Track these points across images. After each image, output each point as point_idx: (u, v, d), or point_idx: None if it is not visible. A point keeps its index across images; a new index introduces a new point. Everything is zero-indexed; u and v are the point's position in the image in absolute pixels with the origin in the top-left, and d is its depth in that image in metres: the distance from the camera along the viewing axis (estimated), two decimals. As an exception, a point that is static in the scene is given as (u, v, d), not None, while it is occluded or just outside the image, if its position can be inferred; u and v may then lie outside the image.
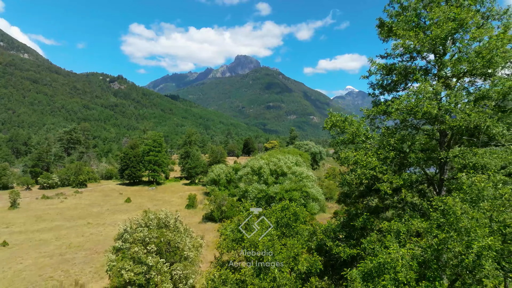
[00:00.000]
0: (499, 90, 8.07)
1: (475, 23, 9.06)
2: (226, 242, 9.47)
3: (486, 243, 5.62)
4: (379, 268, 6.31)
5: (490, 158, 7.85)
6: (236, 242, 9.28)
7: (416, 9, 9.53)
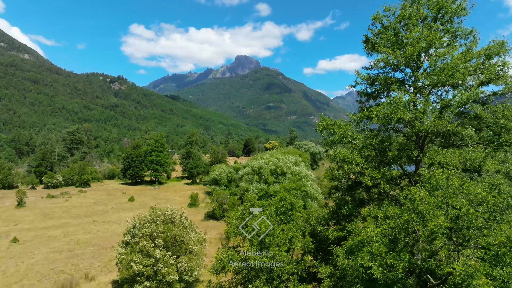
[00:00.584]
0: (459, 100, 9.59)
1: (441, 44, 10.58)
2: (232, 228, 10.94)
3: (438, 222, 7.06)
4: (358, 244, 7.79)
5: (451, 156, 9.35)
6: (242, 228, 10.78)
7: (395, 29, 11.05)
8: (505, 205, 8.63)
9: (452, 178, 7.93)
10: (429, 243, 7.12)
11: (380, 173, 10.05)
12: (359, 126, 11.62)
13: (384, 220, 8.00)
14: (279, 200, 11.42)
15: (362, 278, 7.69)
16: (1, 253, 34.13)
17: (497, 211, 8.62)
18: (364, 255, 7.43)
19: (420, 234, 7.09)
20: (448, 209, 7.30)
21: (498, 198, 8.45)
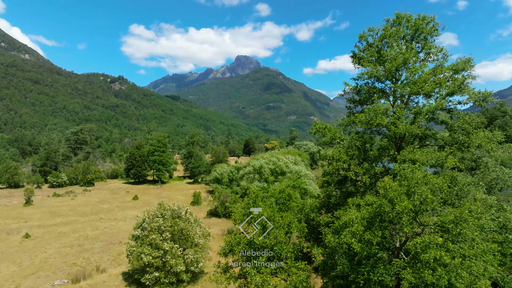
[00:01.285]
0: (427, 108, 11.43)
1: (416, 59, 12.43)
2: (238, 215, 12.71)
3: (403, 205, 8.84)
4: (342, 225, 9.60)
5: (420, 155, 11.15)
6: (246, 215, 12.53)
7: (378, 46, 12.86)
8: (461, 192, 10.54)
9: (416, 171, 9.70)
10: (397, 222, 8.91)
11: (362, 169, 11.89)
12: (347, 129, 13.43)
13: (364, 207, 9.76)
14: (278, 192, 13.28)
15: (345, 253, 9.49)
16: (15, 248, 35.95)
17: (453, 197, 10.54)
18: (347, 233, 9.21)
19: (389, 215, 8.86)
20: (413, 196, 9.08)
21: (453, 188, 10.33)
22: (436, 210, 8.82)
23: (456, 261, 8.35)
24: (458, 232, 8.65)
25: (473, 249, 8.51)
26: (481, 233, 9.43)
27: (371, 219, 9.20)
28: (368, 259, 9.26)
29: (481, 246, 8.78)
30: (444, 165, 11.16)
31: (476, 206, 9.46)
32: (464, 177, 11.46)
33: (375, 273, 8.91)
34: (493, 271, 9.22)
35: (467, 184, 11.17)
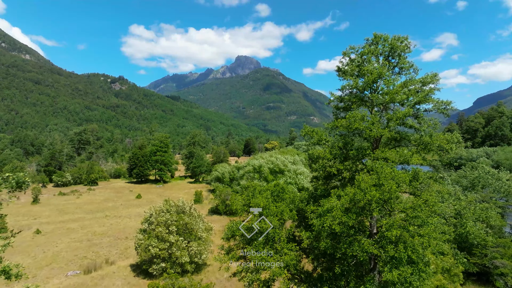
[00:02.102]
0: (397, 115, 13.55)
1: (391, 73, 14.54)
2: (239, 206, 14.74)
3: (372, 194, 10.91)
4: (325, 211, 11.68)
5: (390, 154, 13.22)
6: (246, 206, 14.57)
7: (358, 61, 14.98)
8: (421, 185, 12.70)
9: (385, 167, 11.74)
10: (368, 208, 10.95)
11: (343, 166, 14.03)
12: (332, 132, 15.53)
13: (343, 197, 11.83)
14: (273, 186, 15.37)
15: (327, 234, 11.58)
16: (28, 242, 38.05)
17: (417, 188, 12.74)
18: (328, 217, 11.26)
19: (362, 202, 10.91)
20: (381, 187, 11.12)
21: (414, 182, 12.49)
22: (400, 198, 10.88)
23: (414, 239, 10.40)
24: (415, 216, 10.71)
25: (427, 229, 10.57)
26: (437, 217, 11.54)
27: (348, 206, 11.26)
28: (346, 238, 11.35)
29: (432, 227, 10.87)
30: (410, 162, 13.26)
31: (431, 196, 11.58)
32: (425, 173, 13.57)
33: (350, 249, 10.99)
34: (443, 246, 11.38)
35: (427, 178, 13.33)
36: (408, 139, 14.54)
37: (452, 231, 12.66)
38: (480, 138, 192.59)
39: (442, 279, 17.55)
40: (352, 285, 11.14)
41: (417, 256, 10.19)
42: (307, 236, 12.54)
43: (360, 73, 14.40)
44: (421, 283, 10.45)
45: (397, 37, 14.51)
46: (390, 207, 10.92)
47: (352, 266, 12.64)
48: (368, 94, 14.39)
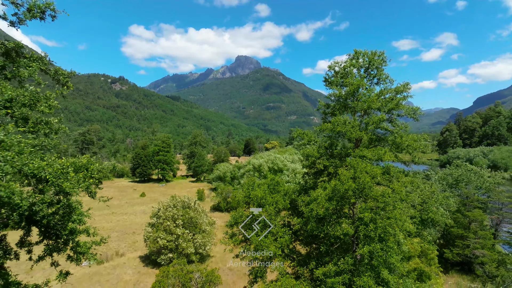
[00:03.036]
0: (374, 120, 15.98)
1: (368, 85, 16.98)
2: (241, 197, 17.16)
3: (349, 184, 13.30)
4: (311, 199, 14.07)
5: (367, 152, 15.58)
6: (247, 197, 16.94)
7: (341, 74, 17.38)
8: (391, 177, 15.13)
9: (360, 163, 14.16)
10: (346, 196, 13.34)
11: (329, 162, 16.45)
12: (320, 134, 17.96)
13: (327, 188, 14.25)
14: (270, 180, 17.78)
15: (314, 218, 13.99)
16: (42, 237, 40.49)
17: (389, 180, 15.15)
18: (314, 204, 13.68)
19: (341, 191, 13.32)
20: (358, 179, 13.51)
21: (386, 175, 14.88)
22: (373, 188, 13.23)
23: (383, 221, 12.76)
24: (384, 201, 13.07)
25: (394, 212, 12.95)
26: (403, 203, 13.99)
27: (331, 195, 13.63)
28: (329, 221, 13.73)
29: (399, 211, 13.22)
30: (383, 159, 15.62)
31: (398, 186, 13.99)
32: (396, 168, 15.97)
33: (332, 230, 13.39)
34: (409, 226, 13.82)
35: (397, 172, 15.73)
36: (386, 139, 16.97)
37: (419, 215, 15.09)
38: (477, 137, 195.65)
39: (419, 262, 19.92)
40: (335, 260, 13.53)
41: (385, 235, 12.55)
42: (298, 222, 14.92)
43: (343, 84, 16.83)
44: (389, 257, 12.85)
45: (374, 52, 16.88)
46: (365, 195, 13.30)
47: (337, 246, 15.06)
48: (350, 102, 16.80)
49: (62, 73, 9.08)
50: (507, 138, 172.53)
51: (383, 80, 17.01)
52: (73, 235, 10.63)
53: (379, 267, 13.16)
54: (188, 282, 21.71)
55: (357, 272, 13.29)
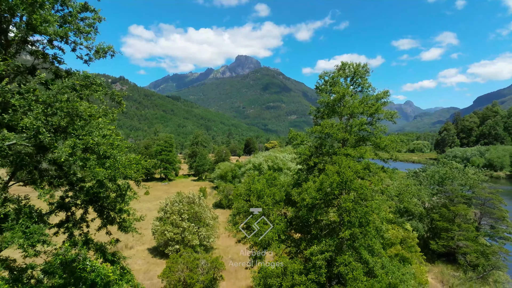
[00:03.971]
0: (356, 123, 18.44)
1: (352, 92, 19.47)
2: (243, 190, 19.58)
3: (334, 178, 15.72)
4: (303, 190, 16.52)
5: (351, 151, 17.99)
6: (248, 190, 19.40)
7: (330, 82, 19.81)
8: (371, 172, 17.66)
9: (344, 160, 16.54)
10: (331, 188, 15.78)
11: (318, 159, 18.92)
12: (311, 135, 20.41)
13: (316, 181, 16.70)
14: (268, 175, 20.25)
15: (305, 207, 16.44)
16: (54, 231, 43.03)
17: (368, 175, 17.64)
18: (305, 194, 16.13)
19: (327, 184, 15.74)
20: (342, 174, 15.94)
21: (366, 171, 17.38)
22: (354, 181, 15.66)
23: (363, 209, 15.19)
24: (362, 192, 15.51)
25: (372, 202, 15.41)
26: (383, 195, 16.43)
27: (319, 187, 16.08)
28: (317, 209, 16.18)
29: (376, 201, 15.65)
30: (364, 156, 18.03)
31: (375, 180, 16.42)
32: (374, 165, 18.42)
33: (320, 216, 15.84)
34: (385, 215, 16.21)
35: (376, 168, 18.17)
36: (369, 140, 19.44)
37: (395, 205, 17.61)
38: (474, 137, 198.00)
39: (400, 248, 22.36)
40: (323, 243, 15.96)
41: (364, 221, 14.97)
42: (292, 210, 17.35)
43: (332, 91, 19.29)
44: (368, 240, 15.29)
45: (358, 64, 19.33)
46: (348, 187, 15.73)
47: (326, 233, 17.53)
48: (337, 107, 19.26)
49: (117, 94, 11.48)
50: (503, 137, 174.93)
51: (366, 88, 19.46)
52: (121, 213, 13.08)
53: (359, 248, 15.64)
54: (195, 268, 24.23)
55: (341, 252, 15.77)
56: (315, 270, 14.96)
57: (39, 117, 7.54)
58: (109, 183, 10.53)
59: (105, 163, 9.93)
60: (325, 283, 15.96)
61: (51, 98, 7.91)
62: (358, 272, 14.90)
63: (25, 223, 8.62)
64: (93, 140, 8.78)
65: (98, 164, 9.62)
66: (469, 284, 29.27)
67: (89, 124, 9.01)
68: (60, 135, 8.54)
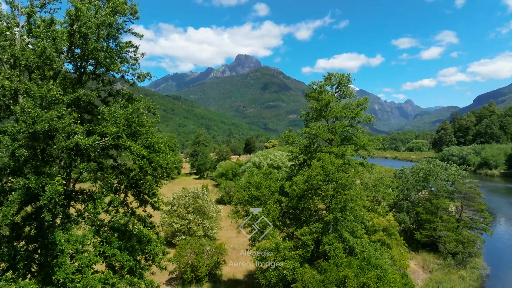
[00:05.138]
0: (339, 125, 21.64)
1: (337, 99, 22.67)
2: (244, 183, 22.74)
3: (318, 171, 18.75)
4: (293, 182, 19.62)
5: (335, 149, 21.07)
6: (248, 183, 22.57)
7: (317, 90, 22.93)
8: (349, 165, 20.79)
9: (326, 156, 19.59)
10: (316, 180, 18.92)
11: (307, 156, 22.08)
12: (302, 136, 23.56)
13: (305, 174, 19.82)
14: (265, 170, 23.46)
15: (295, 196, 19.58)
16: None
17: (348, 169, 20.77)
18: (294, 185, 19.27)
19: (312, 176, 18.87)
20: (325, 168, 19.02)
21: (346, 165, 20.47)
22: (335, 174, 18.77)
23: (342, 196, 18.29)
24: (341, 183, 18.59)
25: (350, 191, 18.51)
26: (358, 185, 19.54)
27: (306, 179, 19.20)
28: (305, 198, 19.33)
29: (354, 191, 18.74)
30: (345, 154, 21.10)
31: (353, 172, 19.50)
32: (353, 160, 21.58)
33: (307, 203, 19.01)
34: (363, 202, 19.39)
35: (354, 163, 21.30)
36: (352, 140, 22.64)
37: (372, 194, 20.83)
38: (471, 136, 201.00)
39: (382, 235, 25.49)
40: (312, 225, 19.11)
41: (344, 207, 18.10)
42: (285, 200, 20.48)
43: (319, 98, 22.47)
44: (348, 223, 18.43)
45: (342, 74, 22.46)
46: (330, 179, 18.88)
47: (314, 219, 20.72)
48: (323, 112, 22.45)
49: (152, 107, 14.67)
50: (499, 136, 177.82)
51: (348, 95, 22.64)
52: (154, 197, 16.16)
53: (341, 230, 18.83)
54: (201, 253, 27.44)
55: (326, 233, 18.95)
56: (303, 247, 18.17)
57: (121, 127, 10.90)
58: (159, 169, 13.49)
59: (158, 155, 13.04)
60: (313, 258, 19.18)
61: (130, 116, 11.27)
62: (339, 251, 18.10)
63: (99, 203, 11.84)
64: (153, 141, 12.03)
65: (156, 155, 12.78)
66: (447, 269, 32.47)
67: (150, 130, 12.34)
68: (132, 138, 11.72)
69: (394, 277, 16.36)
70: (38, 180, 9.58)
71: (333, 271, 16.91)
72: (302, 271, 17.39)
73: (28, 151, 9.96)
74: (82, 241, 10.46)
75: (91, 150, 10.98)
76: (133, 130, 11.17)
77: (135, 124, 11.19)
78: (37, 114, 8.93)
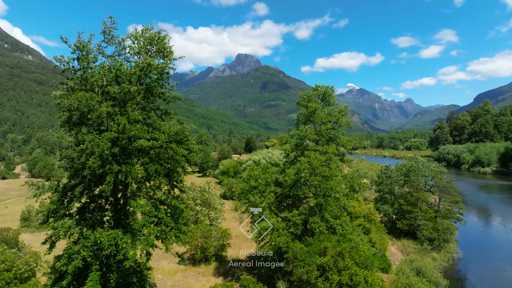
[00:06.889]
0: (324, 128, 26.23)
1: (322, 106, 27.20)
2: (245, 176, 27.37)
3: (305, 166, 23.18)
4: (285, 175, 24.21)
5: (320, 148, 25.50)
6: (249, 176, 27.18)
7: (306, 100, 27.48)
8: (331, 161, 25.47)
9: (312, 153, 24.01)
10: (303, 172, 23.48)
11: (297, 153, 26.65)
12: (293, 137, 28.12)
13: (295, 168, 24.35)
14: (262, 165, 28.16)
15: (287, 186, 24.12)
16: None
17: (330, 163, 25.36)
18: (286, 177, 23.74)
19: (300, 169, 23.35)
20: (311, 163, 23.51)
21: (329, 160, 25.07)
22: (319, 168, 23.28)
23: (325, 185, 22.79)
24: (324, 175, 23.08)
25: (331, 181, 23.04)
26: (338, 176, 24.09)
27: (296, 172, 23.75)
28: (295, 187, 23.88)
29: (334, 181, 23.23)
30: (328, 151, 25.60)
31: (334, 166, 24.07)
32: (335, 157, 26.23)
33: (297, 191, 23.59)
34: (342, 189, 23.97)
35: (336, 159, 25.91)
36: (335, 140, 27.30)
37: (350, 184, 25.74)
38: (467, 135, 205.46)
39: (363, 220, 30.15)
40: (301, 208, 23.72)
41: (326, 194, 22.66)
42: (279, 190, 25.06)
43: (307, 106, 27.09)
44: (329, 207, 23.09)
45: (327, 86, 27.05)
46: (315, 172, 23.47)
47: (303, 204, 25.35)
48: (311, 117, 27.06)
49: (181, 118, 19.36)
50: (493, 135, 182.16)
51: (332, 103, 27.29)
52: (181, 183, 20.60)
53: (324, 212, 23.48)
54: (209, 236, 32.13)
55: (312, 215, 23.63)
56: (294, 226, 22.85)
57: (172, 136, 15.84)
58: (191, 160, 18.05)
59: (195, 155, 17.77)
60: (302, 236, 23.86)
61: (179, 130, 16.27)
62: (322, 228, 22.77)
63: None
64: (191, 145, 16.84)
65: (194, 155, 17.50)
66: (423, 252, 37.15)
67: (189, 136, 17.25)
68: (178, 143, 16.46)
69: (363, 248, 21.00)
70: (126, 167, 14.55)
71: (316, 244, 21.58)
72: (292, 245, 22.05)
73: (117, 148, 15.01)
74: (144, 206, 15.43)
75: (149, 150, 15.71)
76: (178, 138, 15.98)
77: (182, 136, 16.08)
78: (129, 127, 14.05)
